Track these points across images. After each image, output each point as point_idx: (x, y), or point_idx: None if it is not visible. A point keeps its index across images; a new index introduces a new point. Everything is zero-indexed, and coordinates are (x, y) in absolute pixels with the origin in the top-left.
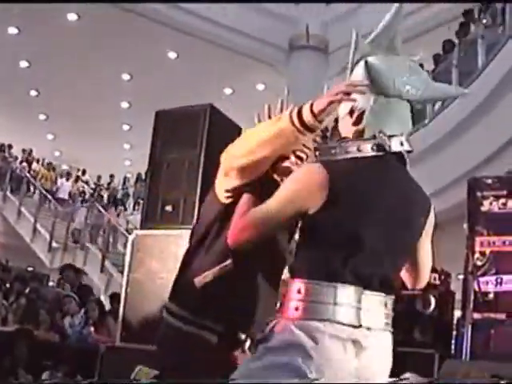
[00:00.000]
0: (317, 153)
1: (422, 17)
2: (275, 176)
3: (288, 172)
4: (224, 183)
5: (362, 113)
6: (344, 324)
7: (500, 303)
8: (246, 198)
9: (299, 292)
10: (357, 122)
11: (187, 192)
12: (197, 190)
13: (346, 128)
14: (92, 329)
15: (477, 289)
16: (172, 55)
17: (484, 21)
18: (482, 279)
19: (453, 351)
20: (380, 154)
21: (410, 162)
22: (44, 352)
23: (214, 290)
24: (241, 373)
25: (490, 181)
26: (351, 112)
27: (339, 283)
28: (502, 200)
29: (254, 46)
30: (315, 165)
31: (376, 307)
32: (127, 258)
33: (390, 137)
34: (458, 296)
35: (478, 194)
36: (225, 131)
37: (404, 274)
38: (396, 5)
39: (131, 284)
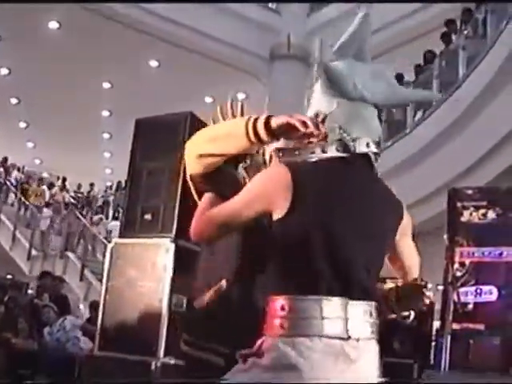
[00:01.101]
0: (280, 153)
1: (403, 27)
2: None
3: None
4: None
5: (325, 117)
6: (333, 337)
7: (479, 314)
8: (207, 196)
9: (283, 309)
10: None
11: (167, 200)
12: (177, 199)
13: None
14: (80, 334)
15: (456, 299)
16: (153, 64)
17: (465, 32)
18: (461, 290)
19: (432, 361)
20: (344, 155)
21: (391, 173)
22: (22, 360)
23: (214, 313)
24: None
25: (470, 191)
26: (316, 116)
27: (323, 296)
28: (482, 210)
29: (235, 55)
30: (280, 166)
31: (361, 316)
32: (106, 266)
33: (355, 139)
34: (438, 306)
35: (458, 204)
36: None
37: (396, 271)
38: (362, 13)
39: (110, 292)
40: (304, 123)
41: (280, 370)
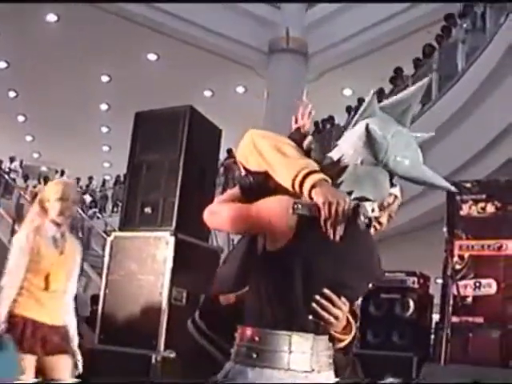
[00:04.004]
0: (295, 206)
1: (402, 21)
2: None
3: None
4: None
5: (346, 167)
6: (298, 371)
7: (478, 307)
8: (236, 190)
9: (253, 339)
10: (338, 173)
11: (167, 194)
12: (176, 192)
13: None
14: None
15: (455, 293)
16: (152, 57)
17: (465, 25)
18: (460, 283)
19: (431, 355)
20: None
21: None
22: None
23: (234, 312)
24: None
25: (469, 185)
26: (338, 161)
27: (294, 332)
28: (481, 204)
29: (234, 49)
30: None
31: (323, 350)
32: (106, 260)
33: (363, 200)
34: (436, 300)
35: (458, 197)
36: (205, 132)
37: None
38: (420, 83)
39: (110, 286)
40: (333, 221)
41: None
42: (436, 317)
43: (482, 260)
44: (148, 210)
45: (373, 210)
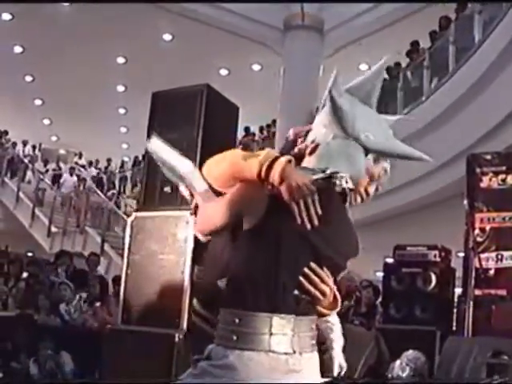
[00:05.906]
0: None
1: None
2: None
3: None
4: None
5: (317, 145)
6: (279, 353)
7: (501, 279)
8: (204, 193)
9: (234, 322)
10: (311, 153)
11: None
12: None
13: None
14: (90, 312)
15: (478, 265)
16: (167, 37)
17: None
18: (482, 256)
19: (454, 328)
20: (323, 187)
21: (410, 139)
22: (45, 337)
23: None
24: None
25: (489, 157)
26: (312, 142)
27: (275, 313)
28: (502, 176)
29: (249, 27)
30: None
31: (305, 331)
32: (127, 240)
33: (335, 173)
34: (459, 273)
35: (478, 170)
36: (222, 111)
37: None
38: (380, 62)
39: (131, 266)
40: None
41: (227, 379)
42: (458, 290)
43: (503, 232)
44: (167, 189)
45: (346, 182)
